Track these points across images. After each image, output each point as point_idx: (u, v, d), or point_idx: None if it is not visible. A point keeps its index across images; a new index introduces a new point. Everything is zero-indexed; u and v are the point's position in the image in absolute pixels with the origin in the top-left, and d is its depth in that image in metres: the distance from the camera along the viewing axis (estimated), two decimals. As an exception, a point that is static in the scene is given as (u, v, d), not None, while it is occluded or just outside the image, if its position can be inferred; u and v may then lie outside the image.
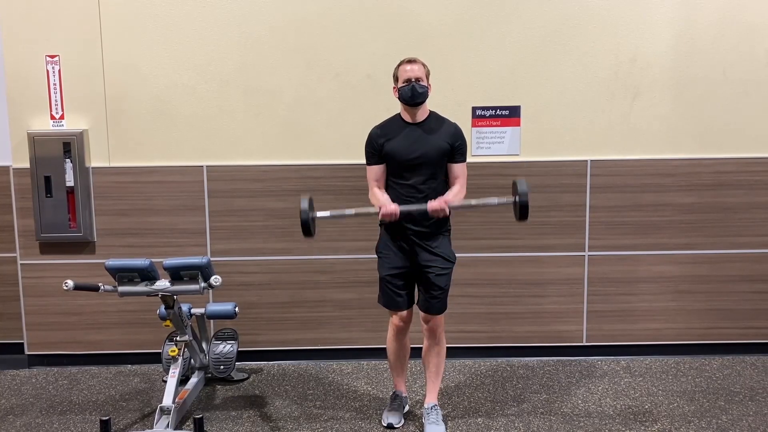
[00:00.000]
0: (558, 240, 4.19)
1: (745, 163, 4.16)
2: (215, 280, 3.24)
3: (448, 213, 3.15)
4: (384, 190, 3.28)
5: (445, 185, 3.27)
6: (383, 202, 3.15)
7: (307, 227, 3.13)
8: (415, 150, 3.21)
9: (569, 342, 4.27)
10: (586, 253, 4.21)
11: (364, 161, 3.33)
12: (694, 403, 3.66)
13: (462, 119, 3.96)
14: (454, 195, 3.22)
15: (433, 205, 3.11)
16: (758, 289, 4.25)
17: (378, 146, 3.25)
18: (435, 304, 3.29)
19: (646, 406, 3.63)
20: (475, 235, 4.16)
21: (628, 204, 4.17)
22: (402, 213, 3.13)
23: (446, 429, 3.39)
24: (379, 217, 3.15)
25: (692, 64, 4.10)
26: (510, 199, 3.21)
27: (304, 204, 3.13)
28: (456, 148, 3.24)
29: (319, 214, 3.19)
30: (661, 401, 3.69)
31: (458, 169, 3.28)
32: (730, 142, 4.15)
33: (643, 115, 4.13)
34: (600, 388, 3.86)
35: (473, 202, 3.26)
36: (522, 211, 3.12)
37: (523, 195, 3.09)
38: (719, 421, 3.47)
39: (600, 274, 4.22)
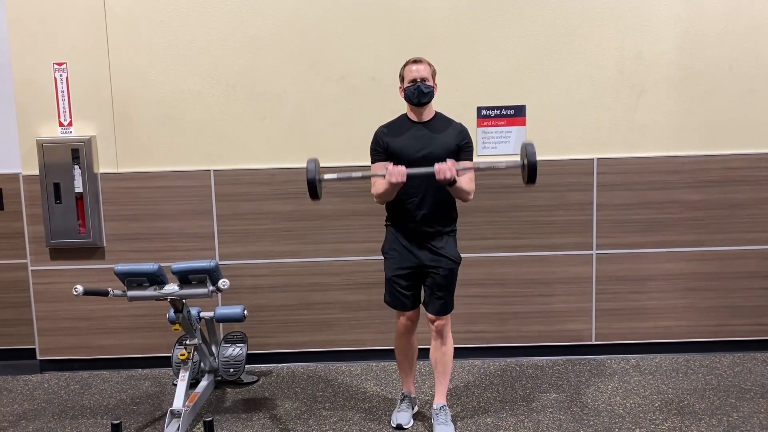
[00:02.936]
0: (565, 239, 4.19)
1: (753, 159, 4.14)
2: (223, 283, 3.25)
3: (455, 175, 3.02)
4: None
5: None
6: (389, 167, 3.06)
7: (314, 190, 3.09)
8: (421, 149, 3.21)
9: (578, 341, 4.27)
10: (594, 252, 4.20)
11: (369, 163, 3.33)
12: (705, 401, 3.65)
13: (467, 119, 3.96)
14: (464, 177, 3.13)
15: (440, 165, 3.01)
16: (768, 286, 4.24)
17: (384, 144, 3.25)
18: (441, 305, 3.29)
19: (656, 404, 3.62)
20: (482, 235, 4.16)
21: (636, 202, 4.16)
22: (409, 175, 3.05)
23: (455, 429, 3.39)
24: (386, 178, 3.06)
25: (698, 61, 4.08)
26: (518, 161, 3.13)
27: (311, 166, 3.08)
28: (462, 147, 3.23)
29: (326, 176, 3.16)
30: (671, 399, 3.68)
31: (465, 164, 3.20)
32: (737, 139, 4.13)
33: (649, 112, 4.12)
34: (610, 386, 3.85)
35: (482, 165, 3.19)
36: (530, 173, 3.03)
37: (532, 156, 3.01)
38: (730, 419, 3.45)
39: (608, 273, 4.21)
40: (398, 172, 3.03)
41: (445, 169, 3.00)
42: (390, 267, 3.34)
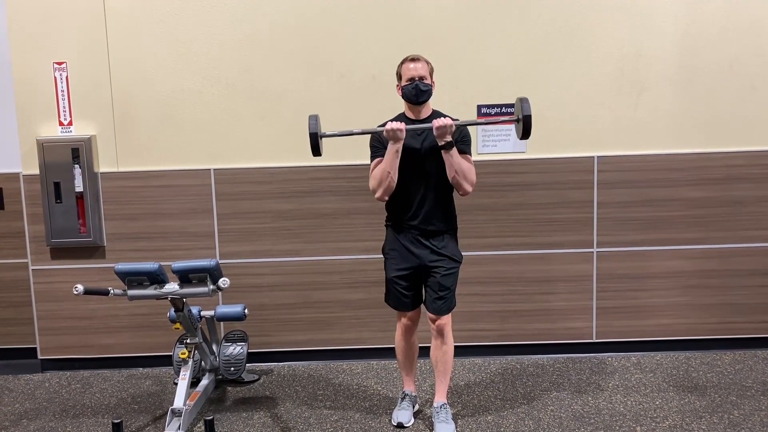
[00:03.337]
0: (566, 237, 4.18)
1: (754, 157, 4.13)
2: (223, 282, 3.25)
3: (452, 123, 3.06)
4: None
5: (448, 188, 3.25)
6: (387, 124, 3.11)
7: (316, 145, 3.18)
8: (420, 146, 3.21)
9: (579, 339, 4.26)
10: (595, 250, 4.19)
11: (369, 162, 3.32)
12: (706, 399, 3.64)
13: (467, 118, 3.96)
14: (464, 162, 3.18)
15: (438, 120, 3.06)
16: (769, 283, 4.23)
17: (384, 140, 3.24)
18: (441, 304, 3.29)
19: (657, 402, 3.62)
20: (482, 233, 4.16)
21: (636, 199, 4.16)
22: (408, 130, 3.11)
23: (456, 427, 3.39)
24: (386, 128, 3.10)
25: (698, 58, 4.08)
26: (513, 117, 3.21)
27: (312, 122, 3.17)
28: (459, 140, 3.22)
29: (327, 132, 3.26)
30: (672, 397, 3.67)
31: (464, 158, 3.22)
32: (738, 136, 4.13)
33: (649, 110, 4.11)
34: (610, 384, 3.85)
35: (480, 120, 3.23)
36: (525, 128, 3.09)
37: (527, 112, 3.07)
38: (731, 417, 3.44)
39: (609, 271, 4.21)
40: (397, 122, 3.09)
41: (441, 119, 3.06)
42: (390, 267, 3.34)
